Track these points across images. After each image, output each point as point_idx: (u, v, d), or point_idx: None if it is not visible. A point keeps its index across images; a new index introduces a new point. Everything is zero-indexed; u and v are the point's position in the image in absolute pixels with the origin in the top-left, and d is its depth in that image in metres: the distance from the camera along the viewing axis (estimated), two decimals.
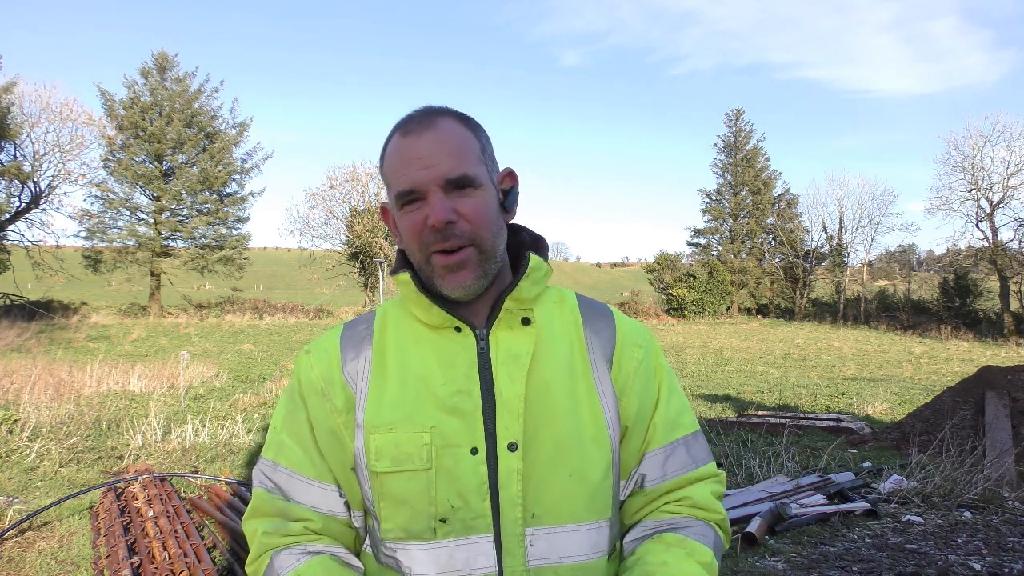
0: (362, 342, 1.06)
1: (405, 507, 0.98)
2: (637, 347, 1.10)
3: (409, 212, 0.99)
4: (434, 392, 0.99)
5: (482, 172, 1.01)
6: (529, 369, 1.01)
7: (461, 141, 1.00)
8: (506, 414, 0.98)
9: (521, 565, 0.97)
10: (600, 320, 1.11)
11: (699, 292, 37.94)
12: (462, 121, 1.03)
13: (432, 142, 0.98)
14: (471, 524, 0.96)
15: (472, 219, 0.98)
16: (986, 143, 32.36)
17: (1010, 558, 3.90)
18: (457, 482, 0.97)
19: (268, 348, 18.82)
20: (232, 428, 7.35)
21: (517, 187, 1.09)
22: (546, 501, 0.98)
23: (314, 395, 1.05)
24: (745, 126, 44.13)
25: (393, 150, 1.01)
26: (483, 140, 1.05)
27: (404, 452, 0.97)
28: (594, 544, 1.00)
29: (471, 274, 0.99)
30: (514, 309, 1.03)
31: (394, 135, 1.02)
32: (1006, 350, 23.32)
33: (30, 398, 8.31)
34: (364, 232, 32.36)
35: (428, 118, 1.00)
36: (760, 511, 4.46)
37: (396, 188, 1.00)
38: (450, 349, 1.02)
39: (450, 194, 0.97)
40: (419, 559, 0.97)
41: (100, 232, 29.12)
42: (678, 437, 1.08)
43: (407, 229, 1.01)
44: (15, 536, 4.34)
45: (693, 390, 12.34)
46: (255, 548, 1.03)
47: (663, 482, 1.07)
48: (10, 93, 25.64)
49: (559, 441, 0.99)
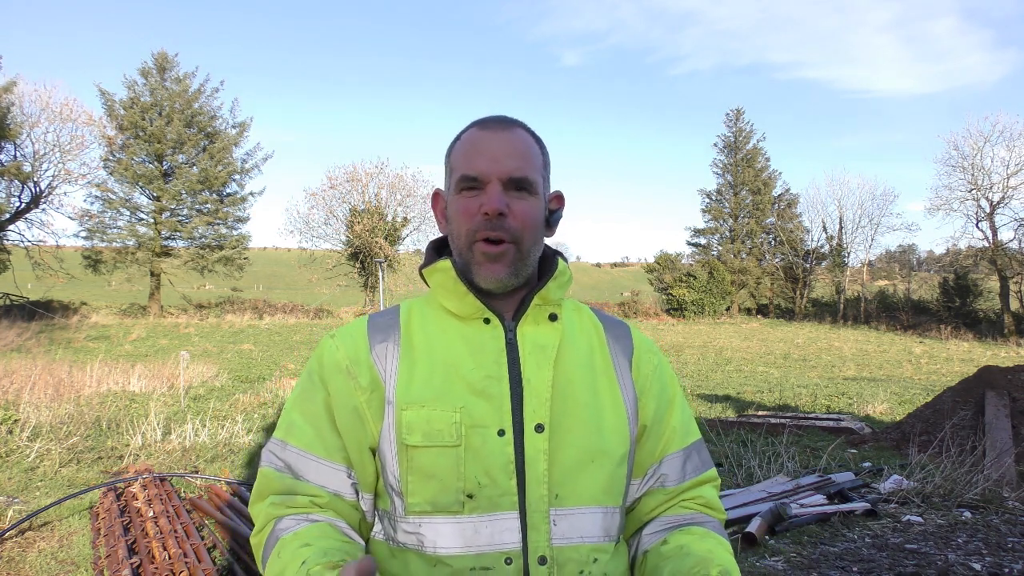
0: (389, 328, 1.11)
1: (434, 481, 1.00)
2: (652, 354, 1.19)
3: (466, 197, 1.06)
4: (464, 376, 1.04)
5: (539, 182, 1.09)
6: (555, 361, 1.07)
7: (530, 149, 1.09)
8: (533, 398, 1.04)
9: (545, 542, 1.00)
10: (618, 328, 1.20)
11: (699, 292, 37.94)
12: (533, 135, 1.12)
13: (505, 141, 1.07)
14: (497, 501, 1.00)
15: (521, 219, 1.05)
16: (986, 143, 32.43)
17: (1010, 558, 3.90)
18: (484, 460, 1.00)
19: (268, 348, 18.83)
20: (232, 428, 7.35)
21: (562, 210, 1.17)
22: (569, 483, 1.03)
23: (338, 374, 1.08)
24: (745, 126, 44.16)
25: (467, 139, 1.09)
26: (546, 157, 1.14)
27: (435, 428, 1.01)
28: (608, 527, 1.06)
29: (505, 269, 1.05)
30: (541, 306, 1.10)
31: (471, 128, 1.11)
32: (1006, 350, 23.34)
33: (30, 398, 8.31)
34: (364, 232, 32.36)
35: (506, 122, 1.10)
36: (760, 511, 4.46)
37: (461, 172, 1.07)
38: (479, 339, 1.07)
39: (508, 191, 1.05)
40: (445, 533, 1.00)
41: (100, 232, 29.12)
42: (692, 442, 1.17)
43: (459, 212, 1.07)
44: (15, 536, 4.34)
45: (693, 390, 12.34)
46: (261, 520, 1.05)
47: (682, 483, 1.14)
48: (10, 93, 25.64)
49: (582, 428, 1.05)
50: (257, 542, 1.05)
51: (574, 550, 1.02)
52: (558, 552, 1.01)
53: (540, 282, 1.10)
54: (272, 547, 1.00)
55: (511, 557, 0.99)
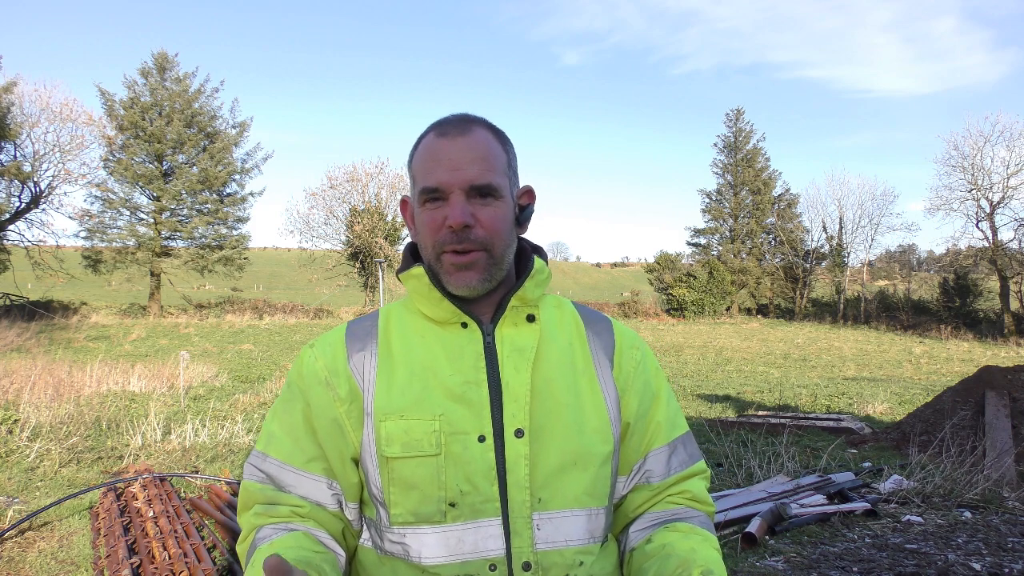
0: (367, 336, 1.10)
1: (415, 492, 1.00)
2: (635, 349, 1.17)
3: (430, 209, 1.03)
4: (442, 382, 1.03)
5: (504, 184, 1.06)
6: (534, 362, 1.05)
7: (491, 151, 1.05)
8: (512, 403, 1.02)
9: (528, 548, 1.00)
10: (599, 324, 1.17)
11: (699, 292, 37.93)
12: (494, 133, 1.08)
13: (464, 147, 1.02)
14: (480, 508, 0.99)
15: (488, 227, 1.02)
16: (986, 143, 32.37)
17: (1010, 558, 3.90)
18: (466, 467, 0.99)
19: (268, 348, 18.82)
20: (232, 428, 7.35)
21: (533, 205, 1.14)
22: (552, 487, 1.02)
23: (317, 385, 1.07)
24: (745, 126, 44.14)
25: (425, 148, 1.05)
26: (510, 154, 1.10)
27: (414, 438, 1.00)
28: (593, 529, 1.05)
29: (477, 276, 1.03)
30: (519, 307, 1.08)
31: (429, 134, 1.06)
32: (1006, 350, 23.32)
33: (30, 398, 8.30)
34: (364, 232, 32.36)
35: (464, 124, 1.05)
36: (760, 511, 4.46)
37: (422, 184, 1.04)
38: (456, 343, 1.06)
39: (471, 200, 1.02)
40: (429, 543, 0.99)
41: (100, 232, 29.10)
42: (677, 436, 1.15)
43: (425, 225, 1.04)
44: (15, 536, 4.34)
45: (693, 390, 12.34)
46: (245, 529, 1.07)
47: (667, 478, 1.13)
48: (10, 93, 25.65)
49: (563, 430, 1.04)
50: (241, 551, 1.06)
51: (559, 554, 1.01)
52: (542, 557, 1.00)
53: (517, 282, 1.08)
54: (250, 556, 1.01)
55: (495, 564, 0.98)
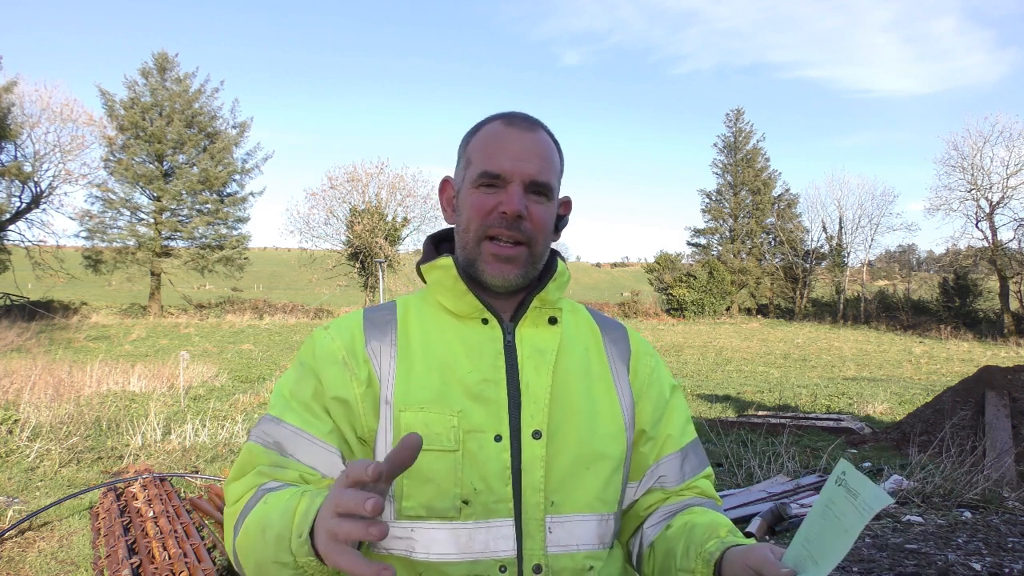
0: (386, 324, 1.09)
1: (430, 485, 0.98)
2: (649, 356, 1.19)
3: (483, 193, 1.05)
4: (461, 379, 1.03)
5: (557, 188, 1.10)
6: (554, 365, 1.06)
7: (552, 154, 1.09)
8: (531, 404, 1.02)
9: (540, 550, 0.99)
10: (615, 331, 1.19)
11: (699, 292, 37.93)
12: (555, 140, 1.12)
13: (530, 143, 1.06)
14: (492, 508, 0.98)
15: (537, 223, 1.05)
16: (986, 143, 32.40)
17: (1010, 558, 3.90)
18: (481, 467, 0.99)
19: (268, 348, 18.83)
20: (232, 428, 7.35)
21: (568, 217, 1.18)
22: (565, 490, 1.02)
23: (333, 365, 1.04)
24: (745, 126, 44.15)
25: (491, 133, 1.07)
26: (562, 164, 1.14)
27: (434, 432, 0.99)
28: (603, 535, 1.05)
29: (516, 270, 1.05)
30: (541, 308, 1.09)
31: (495, 120, 1.09)
32: (1006, 350, 23.32)
33: (30, 398, 8.31)
34: (364, 232, 32.34)
35: (532, 122, 1.09)
36: (760, 511, 4.47)
37: (483, 167, 1.05)
38: (476, 339, 1.06)
39: (527, 194, 1.05)
40: (438, 539, 0.97)
41: (100, 232, 29.12)
42: (688, 442, 1.17)
43: (474, 206, 1.05)
44: (15, 536, 4.34)
45: (693, 390, 12.33)
46: (241, 489, 0.96)
47: (680, 483, 1.14)
48: (10, 93, 25.66)
49: (579, 434, 1.04)
50: (232, 511, 0.95)
51: (569, 558, 1.01)
52: (553, 560, 1.00)
53: (540, 283, 1.09)
54: (255, 503, 0.91)
55: (506, 565, 0.97)
